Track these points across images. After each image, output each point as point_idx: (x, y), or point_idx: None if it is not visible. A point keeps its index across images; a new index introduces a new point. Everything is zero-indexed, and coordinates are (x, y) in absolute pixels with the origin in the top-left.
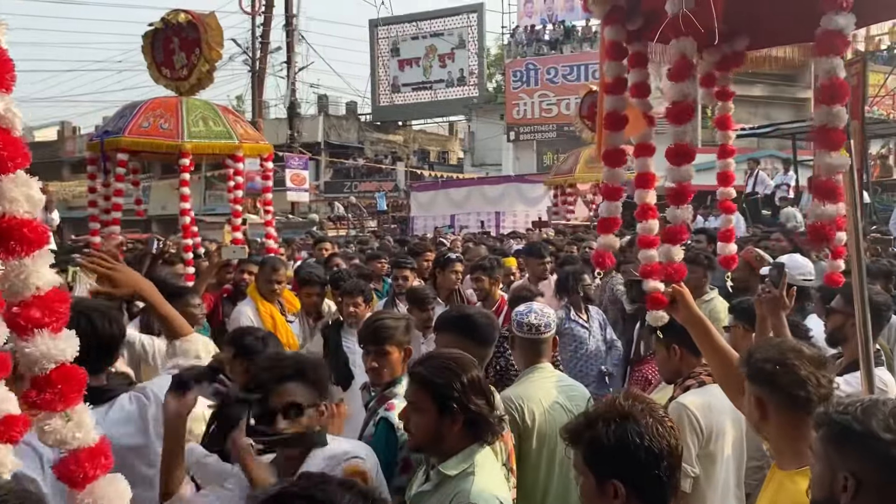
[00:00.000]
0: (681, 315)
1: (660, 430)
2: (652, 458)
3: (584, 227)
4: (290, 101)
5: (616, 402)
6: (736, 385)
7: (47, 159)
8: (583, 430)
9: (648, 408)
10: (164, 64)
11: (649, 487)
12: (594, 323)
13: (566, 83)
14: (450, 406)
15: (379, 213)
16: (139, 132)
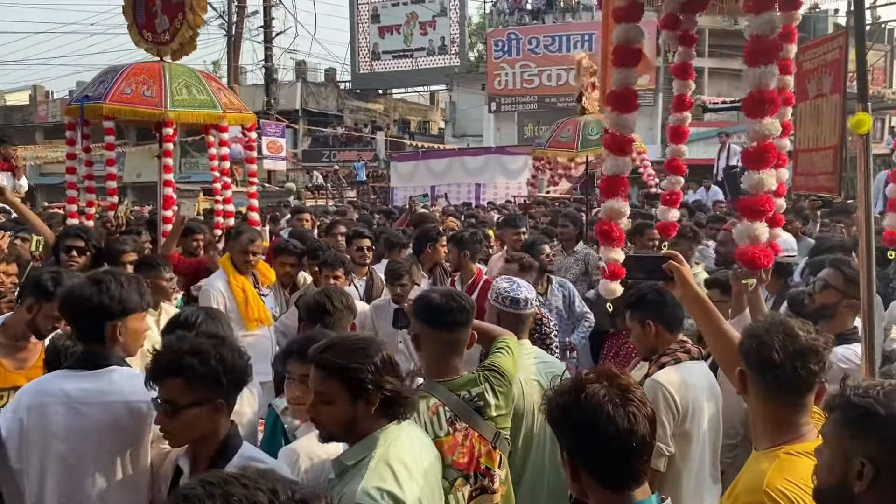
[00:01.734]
0: (678, 292)
1: (616, 408)
2: (601, 435)
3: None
4: (266, 66)
5: (578, 377)
6: (736, 361)
7: (19, 123)
8: (546, 404)
9: (614, 384)
10: (146, 27)
11: (601, 465)
12: (554, 296)
13: (548, 54)
14: (365, 389)
15: (358, 184)
16: (121, 99)
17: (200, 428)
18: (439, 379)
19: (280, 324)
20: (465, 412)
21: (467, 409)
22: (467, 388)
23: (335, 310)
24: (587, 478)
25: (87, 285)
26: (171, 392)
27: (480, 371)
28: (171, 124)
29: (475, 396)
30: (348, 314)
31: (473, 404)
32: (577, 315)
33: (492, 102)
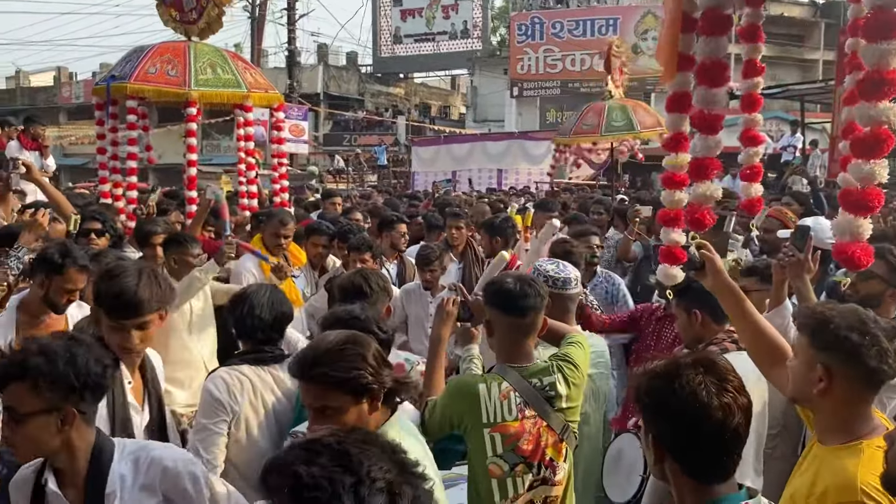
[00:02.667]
0: (709, 282)
1: (711, 397)
2: (693, 425)
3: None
4: (289, 49)
5: (674, 360)
6: (770, 356)
7: (43, 104)
8: (635, 385)
9: (712, 370)
10: (173, 5)
11: (690, 455)
12: (597, 289)
13: (572, 38)
14: (368, 390)
15: (379, 168)
16: (145, 78)
17: (48, 440)
18: (512, 364)
19: (309, 306)
20: (535, 400)
21: (538, 396)
22: (539, 377)
23: (372, 291)
24: (672, 464)
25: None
26: (13, 398)
27: (554, 360)
28: (195, 104)
29: (547, 385)
30: (384, 296)
31: (544, 393)
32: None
33: (514, 87)
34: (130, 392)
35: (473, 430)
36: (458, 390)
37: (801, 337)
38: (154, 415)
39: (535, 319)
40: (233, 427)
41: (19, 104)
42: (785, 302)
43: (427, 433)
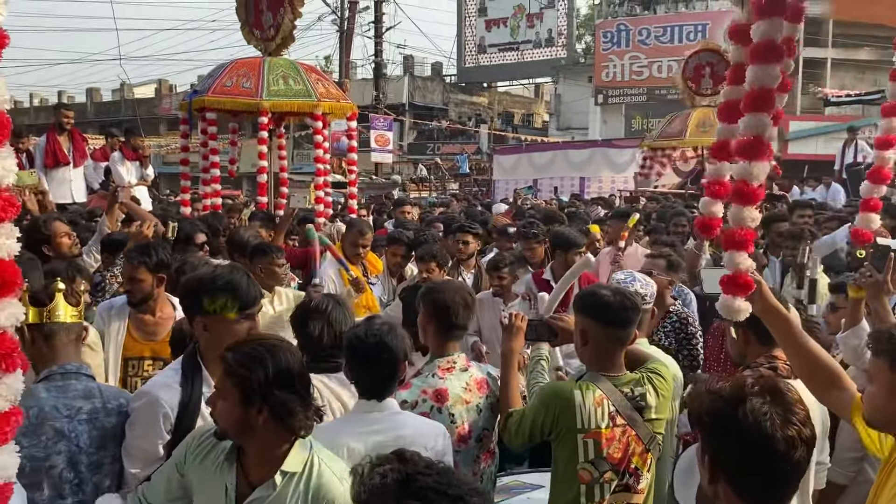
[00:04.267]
0: (756, 306)
1: (775, 429)
2: (754, 454)
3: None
4: (376, 61)
5: (740, 383)
6: (825, 380)
7: (145, 115)
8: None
9: (778, 400)
10: (254, 25)
11: (746, 482)
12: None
13: (659, 45)
14: (252, 397)
15: (461, 176)
16: (222, 91)
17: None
18: (605, 373)
19: (385, 314)
20: (626, 409)
21: (629, 406)
22: (631, 387)
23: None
24: (726, 487)
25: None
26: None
27: (644, 372)
28: (266, 113)
29: (638, 396)
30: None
31: (635, 403)
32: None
33: (598, 94)
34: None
35: (567, 435)
36: (554, 396)
37: (879, 362)
38: None
39: (631, 332)
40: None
41: (123, 115)
42: (861, 322)
43: (510, 442)
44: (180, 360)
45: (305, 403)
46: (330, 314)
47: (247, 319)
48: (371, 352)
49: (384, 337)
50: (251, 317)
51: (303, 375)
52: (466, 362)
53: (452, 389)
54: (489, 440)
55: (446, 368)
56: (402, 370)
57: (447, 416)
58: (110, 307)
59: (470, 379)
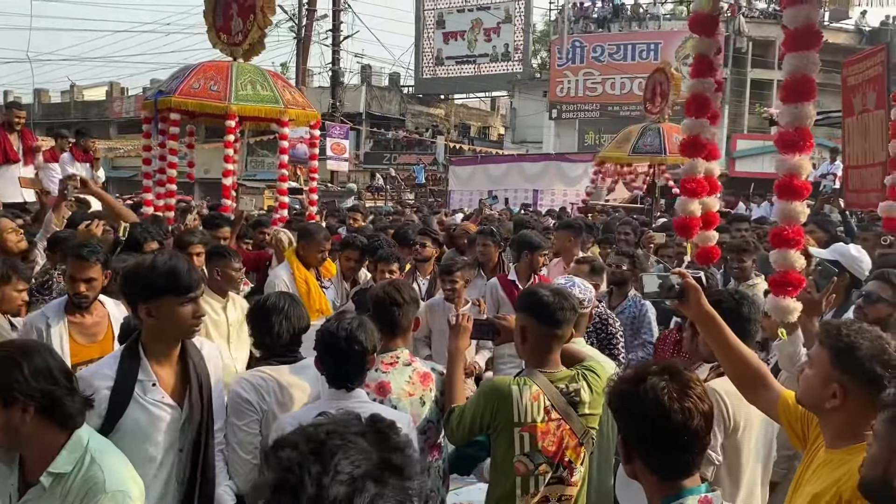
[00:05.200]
0: (691, 312)
1: (672, 402)
2: (655, 426)
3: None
4: (333, 69)
5: (643, 367)
6: (754, 381)
7: (95, 118)
8: (608, 390)
9: (676, 378)
10: (222, 29)
11: (653, 454)
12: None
13: (612, 62)
14: (12, 397)
15: (417, 186)
16: (189, 93)
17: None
18: (542, 369)
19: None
20: (561, 404)
21: (564, 401)
22: (566, 383)
23: (403, 302)
24: (639, 463)
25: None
26: None
27: (580, 369)
28: (234, 117)
29: (572, 391)
30: (415, 307)
31: (570, 398)
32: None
33: (553, 109)
34: (159, 389)
35: (504, 429)
36: (493, 391)
37: (823, 351)
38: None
39: (567, 331)
40: (263, 426)
41: (73, 117)
42: (797, 331)
43: (451, 437)
44: (121, 349)
45: (71, 392)
46: (288, 311)
47: (190, 302)
48: (342, 345)
49: (355, 331)
50: (194, 300)
51: (63, 367)
52: (410, 357)
53: (395, 382)
54: (434, 433)
55: (389, 363)
56: (371, 362)
57: (390, 408)
58: (44, 317)
59: (413, 373)
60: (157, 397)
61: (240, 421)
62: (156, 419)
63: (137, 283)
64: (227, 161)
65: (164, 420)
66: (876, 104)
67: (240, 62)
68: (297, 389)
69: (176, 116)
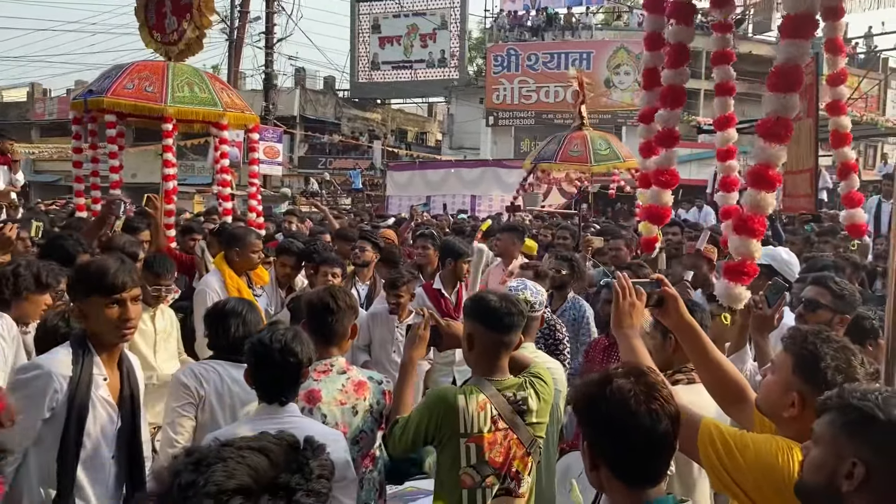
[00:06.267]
0: (670, 321)
1: (639, 404)
2: (622, 430)
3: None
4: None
5: (607, 370)
6: (732, 394)
7: (16, 120)
8: (573, 393)
9: (642, 381)
10: (156, 27)
11: (620, 460)
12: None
13: (546, 70)
14: None
15: (354, 191)
16: (123, 93)
17: None
18: (489, 377)
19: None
20: (508, 413)
21: (511, 410)
22: (513, 391)
23: (339, 308)
24: (605, 470)
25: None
26: None
27: (527, 377)
28: (171, 119)
29: (520, 400)
30: (351, 314)
31: (517, 407)
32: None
33: (490, 116)
34: (106, 388)
35: (450, 441)
36: (438, 400)
37: (787, 357)
38: (128, 418)
39: (515, 337)
40: (199, 411)
41: None
42: (745, 347)
43: (393, 449)
44: (69, 343)
45: None
46: (245, 316)
47: (116, 304)
48: (276, 357)
49: (289, 342)
50: (120, 302)
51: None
52: (346, 366)
53: (326, 391)
54: (368, 443)
55: (322, 371)
56: (305, 375)
57: (319, 417)
58: None
59: (347, 381)
60: (105, 395)
61: (176, 403)
62: (101, 418)
63: (74, 280)
64: (167, 165)
65: (108, 421)
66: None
67: (175, 63)
68: (236, 385)
69: (110, 118)
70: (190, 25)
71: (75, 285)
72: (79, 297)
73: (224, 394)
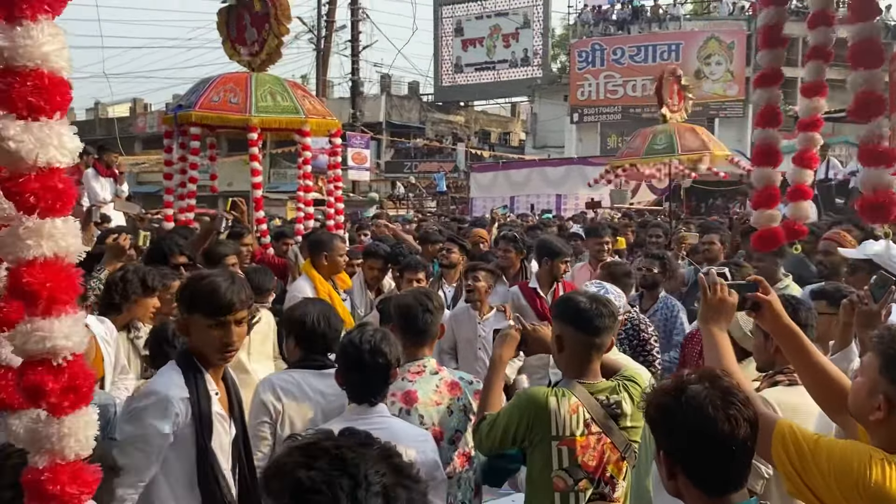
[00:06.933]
0: (768, 325)
1: (717, 411)
2: (700, 438)
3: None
4: (353, 80)
5: (679, 377)
6: (837, 401)
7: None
8: (644, 402)
9: (717, 385)
10: (237, 40)
11: (698, 468)
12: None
13: (633, 64)
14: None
15: (439, 194)
16: (209, 106)
17: None
18: (580, 380)
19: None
20: (601, 416)
21: (605, 414)
22: (606, 394)
23: (433, 309)
24: (683, 479)
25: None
26: None
27: (620, 380)
28: (255, 129)
29: (613, 403)
30: (441, 315)
31: (611, 411)
32: (673, 341)
33: (574, 113)
34: (218, 402)
35: (541, 443)
36: (529, 402)
37: (873, 358)
38: (238, 429)
39: (606, 339)
40: (277, 427)
41: (97, 134)
42: (851, 345)
43: (479, 446)
44: (173, 363)
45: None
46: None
47: (220, 327)
48: (366, 358)
49: (378, 343)
50: (224, 324)
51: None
52: (437, 367)
53: (422, 391)
54: (463, 442)
55: (416, 372)
56: (394, 376)
57: (416, 418)
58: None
59: (440, 381)
60: (219, 410)
61: (254, 420)
62: (219, 433)
63: (181, 291)
64: (254, 174)
65: (224, 434)
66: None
67: (257, 73)
68: (318, 395)
69: (196, 130)
70: (269, 35)
71: (182, 298)
72: (183, 312)
73: (304, 406)
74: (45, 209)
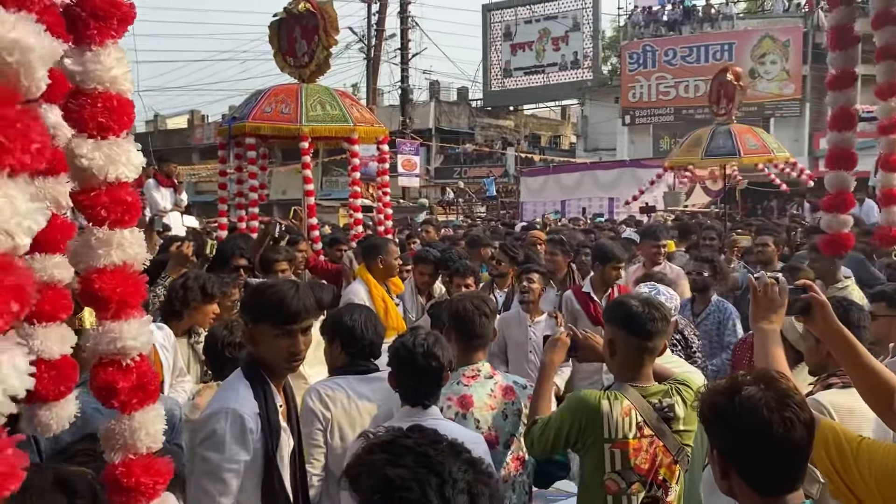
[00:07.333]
0: (818, 329)
1: (772, 413)
2: (755, 439)
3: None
4: (402, 87)
5: (735, 377)
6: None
7: (178, 145)
8: (699, 402)
9: (772, 387)
10: (288, 52)
11: (753, 469)
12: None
13: (685, 65)
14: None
15: (488, 199)
16: (262, 117)
17: None
18: (633, 383)
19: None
20: (654, 420)
21: (657, 417)
22: (659, 397)
23: (488, 313)
24: (737, 479)
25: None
26: None
27: (673, 384)
28: (306, 138)
29: (666, 407)
30: (494, 318)
31: (664, 414)
32: (724, 343)
33: (626, 115)
34: (281, 414)
35: (594, 445)
36: (581, 404)
37: None
38: (295, 439)
39: (659, 342)
40: (328, 436)
41: (157, 145)
42: None
43: (531, 449)
44: (239, 372)
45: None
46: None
47: (287, 336)
48: (419, 361)
49: (431, 346)
50: (291, 333)
51: None
52: (492, 371)
53: (477, 395)
54: (517, 446)
55: (471, 376)
56: (446, 379)
57: (472, 422)
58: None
59: (495, 386)
60: (283, 422)
61: (305, 429)
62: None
63: (246, 300)
64: (306, 182)
65: (286, 446)
66: None
67: (307, 84)
68: (364, 400)
69: (251, 141)
70: (318, 47)
71: (247, 307)
72: (249, 321)
73: (353, 412)
74: (115, 221)
